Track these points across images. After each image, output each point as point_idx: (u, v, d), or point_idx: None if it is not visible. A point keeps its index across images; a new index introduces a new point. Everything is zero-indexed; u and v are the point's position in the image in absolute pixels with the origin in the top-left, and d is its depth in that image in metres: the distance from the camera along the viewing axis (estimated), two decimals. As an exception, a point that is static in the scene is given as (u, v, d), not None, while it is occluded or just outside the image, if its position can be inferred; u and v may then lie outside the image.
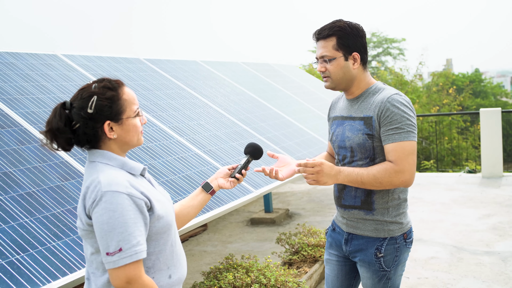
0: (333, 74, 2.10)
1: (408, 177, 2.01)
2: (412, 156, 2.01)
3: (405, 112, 2.01)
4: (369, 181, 2.01)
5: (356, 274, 2.29)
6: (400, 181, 2.01)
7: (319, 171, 1.98)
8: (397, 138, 2.00)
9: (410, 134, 2.01)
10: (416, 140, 2.04)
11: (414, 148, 2.03)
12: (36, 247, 2.37)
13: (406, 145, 2.00)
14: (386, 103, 2.02)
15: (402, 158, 1.99)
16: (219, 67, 6.94)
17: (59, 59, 4.60)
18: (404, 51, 28.29)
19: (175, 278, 1.68)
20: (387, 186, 2.02)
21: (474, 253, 4.53)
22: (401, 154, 1.99)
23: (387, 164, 2.01)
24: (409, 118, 2.01)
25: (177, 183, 3.47)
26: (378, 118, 2.04)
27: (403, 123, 2.00)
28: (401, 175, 1.99)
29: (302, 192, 7.56)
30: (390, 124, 2.01)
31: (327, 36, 2.09)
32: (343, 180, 2.03)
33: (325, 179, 2.00)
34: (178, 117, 4.58)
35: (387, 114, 2.01)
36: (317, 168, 1.98)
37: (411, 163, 2.00)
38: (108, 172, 1.56)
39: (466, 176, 8.10)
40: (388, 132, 2.02)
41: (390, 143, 2.01)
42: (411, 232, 2.19)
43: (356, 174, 2.03)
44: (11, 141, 3.05)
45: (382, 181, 2.00)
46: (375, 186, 2.02)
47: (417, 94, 17.62)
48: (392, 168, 1.99)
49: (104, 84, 1.61)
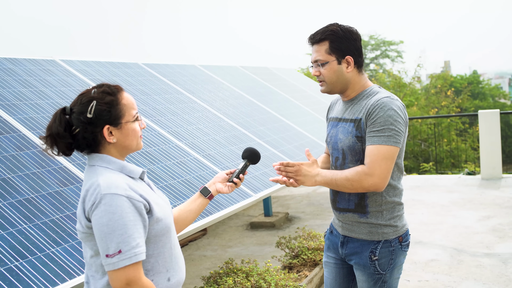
0: (327, 78, 2.11)
1: (378, 181, 1.97)
2: (386, 161, 1.97)
3: (390, 116, 1.98)
4: (342, 182, 2.02)
5: (354, 276, 2.29)
6: (369, 184, 1.98)
7: (297, 171, 2.08)
8: (376, 141, 1.99)
9: (390, 138, 1.97)
10: (396, 146, 1.99)
11: (392, 153, 1.98)
12: (35, 254, 2.36)
13: (383, 149, 1.97)
14: (374, 105, 2.02)
15: (374, 161, 1.97)
16: (218, 71, 6.95)
17: (57, 65, 4.60)
18: (402, 53, 28.37)
19: (174, 281, 1.68)
20: (358, 189, 2.01)
21: (474, 255, 4.53)
22: (374, 157, 1.97)
23: (360, 166, 2.01)
24: (393, 123, 1.98)
25: (176, 187, 3.47)
26: (366, 120, 2.04)
27: (385, 127, 1.98)
28: (370, 178, 1.97)
29: (301, 196, 7.56)
30: (373, 127, 2.00)
31: (320, 40, 2.10)
32: (320, 181, 2.08)
33: (303, 179, 2.09)
34: (176, 121, 4.58)
35: (373, 116, 2.01)
36: (295, 168, 2.08)
37: (383, 167, 1.96)
38: (108, 175, 1.57)
39: (466, 178, 8.10)
40: (369, 134, 2.01)
41: (369, 145, 2.00)
42: (408, 235, 2.18)
43: (331, 175, 2.06)
44: (9, 147, 3.05)
45: (353, 182, 2.00)
46: (348, 188, 2.02)
47: (416, 96, 17.65)
48: (362, 171, 1.99)
49: (103, 89, 1.63)
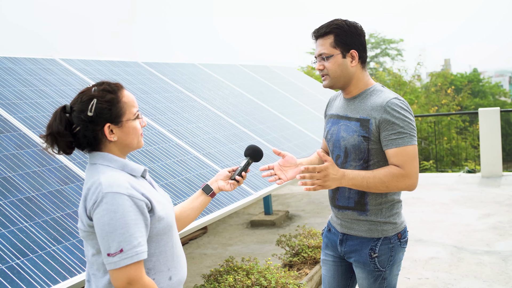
0: (331, 71, 2.09)
1: (414, 181, 2.03)
2: (416, 160, 2.03)
3: (406, 117, 2.02)
4: (375, 185, 2.00)
5: (353, 274, 2.29)
6: (406, 185, 2.02)
7: (326, 175, 1.92)
8: (401, 142, 2.00)
9: (413, 138, 2.02)
10: (417, 144, 2.06)
11: (417, 152, 2.04)
12: (36, 252, 2.37)
13: (410, 149, 2.01)
14: (386, 108, 2.02)
15: (408, 163, 2.00)
16: (217, 69, 6.95)
17: (57, 64, 4.60)
18: (402, 51, 28.36)
19: (175, 279, 1.68)
20: (393, 190, 2.03)
21: (475, 253, 4.53)
22: (406, 158, 2.00)
23: (393, 168, 2.01)
24: (410, 123, 2.03)
25: (176, 186, 3.47)
26: (378, 122, 2.03)
27: (405, 128, 2.01)
28: (407, 179, 2.00)
29: (301, 194, 7.56)
30: (393, 129, 2.01)
31: (325, 34, 2.09)
32: (347, 184, 1.99)
33: (330, 183, 1.94)
34: (177, 120, 4.58)
35: (388, 119, 2.01)
36: (322, 174, 1.92)
37: (416, 166, 2.02)
38: (109, 173, 1.57)
39: (466, 176, 8.11)
40: (390, 136, 2.01)
41: (394, 148, 2.01)
42: (406, 232, 2.19)
43: (362, 178, 2.00)
44: (10, 146, 3.05)
45: (388, 185, 2.00)
46: (381, 189, 2.02)
47: (416, 94, 17.64)
48: (399, 173, 2.00)
49: (103, 87, 1.62)
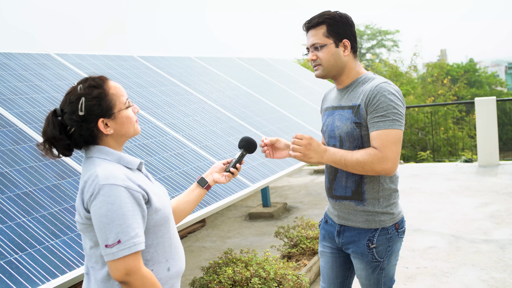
0: (324, 61, 2.11)
1: (391, 165, 1.98)
2: (396, 145, 1.99)
3: (392, 101, 2.00)
4: (352, 164, 2.01)
5: (351, 265, 2.30)
6: (382, 168, 1.98)
7: (307, 145, 2.02)
8: (382, 125, 1.99)
9: (395, 122, 1.99)
10: (401, 129, 2.02)
11: (399, 137, 2.01)
12: (34, 246, 2.37)
13: (391, 133, 1.98)
14: (373, 91, 2.03)
15: (386, 146, 1.97)
16: (213, 63, 6.93)
17: (52, 59, 4.58)
18: (398, 42, 28.36)
19: (173, 271, 1.69)
20: (368, 172, 2.01)
21: (472, 242, 4.56)
22: (386, 141, 1.98)
23: (371, 149, 2.00)
24: (395, 107, 2.00)
25: (173, 179, 3.47)
26: (366, 105, 2.04)
27: (389, 111, 1.99)
28: (384, 162, 1.98)
29: (299, 186, 7.57)
30: (376, 112, 2.01)
31: (317, 24, 2.11)
32: (328, 159, 2.05)
33: (312, 154, 2.03)
34: (173, 113, 4.58)
35: (374, 101, 2.01)
36: (305, 141, 2.02)
37: (394, 151, 1.98)
38: (106, 166, 1.57)
39: (463, 165, 8.13)
40: (373, 119, 2.01)
41: (375, 130, 2.00)
42: (403, 222, 2.19)
43: (340, 155, 2.03)
44: (6, 141, 3.05)
45: (364, 165, 1.99)
46: (357, 170, 2.01)
47: (412, 85, 17.66)
48: (375, 154, 1.98)
49: (88, 83, 1.62)
